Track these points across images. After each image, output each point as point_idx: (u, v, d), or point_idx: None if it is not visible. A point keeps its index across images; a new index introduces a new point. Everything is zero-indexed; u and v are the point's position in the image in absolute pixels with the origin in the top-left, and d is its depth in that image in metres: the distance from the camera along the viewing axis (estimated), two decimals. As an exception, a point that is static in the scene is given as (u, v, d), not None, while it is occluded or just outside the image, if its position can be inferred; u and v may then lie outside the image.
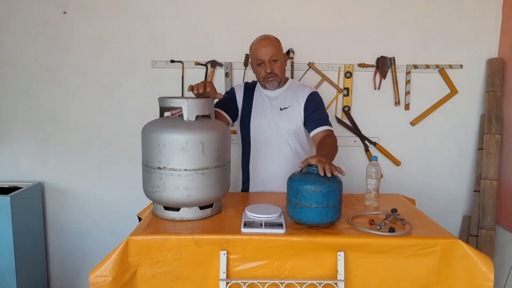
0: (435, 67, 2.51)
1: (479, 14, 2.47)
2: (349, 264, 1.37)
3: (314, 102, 1.95)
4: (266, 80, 1.93)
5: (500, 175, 2.44)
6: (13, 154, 2.61)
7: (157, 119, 1.58)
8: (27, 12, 2.48)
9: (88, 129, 2.59)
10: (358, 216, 1.58)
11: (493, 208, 2.40)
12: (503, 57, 2.47)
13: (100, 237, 2.65)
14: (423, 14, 2.47)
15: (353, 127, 2.58)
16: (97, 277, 1.30)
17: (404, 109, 2.56)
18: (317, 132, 1.89)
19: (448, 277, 1.37)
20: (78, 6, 2.48)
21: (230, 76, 2.53)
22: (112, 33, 2.50)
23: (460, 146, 2.59)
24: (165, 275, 1.37)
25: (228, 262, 1.36)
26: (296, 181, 1.42)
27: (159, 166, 1.46)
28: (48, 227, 2.68)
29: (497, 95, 2.44)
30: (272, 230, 1.39)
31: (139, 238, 1.36)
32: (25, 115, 2.58)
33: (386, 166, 2.54)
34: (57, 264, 2.71)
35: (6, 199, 2.28)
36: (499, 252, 2.40)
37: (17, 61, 2.53)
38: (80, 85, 2.55)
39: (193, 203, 1.49)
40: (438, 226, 1.50)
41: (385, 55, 2.51)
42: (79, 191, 2.65)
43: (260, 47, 1.88)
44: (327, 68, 2.53)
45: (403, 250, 1.36)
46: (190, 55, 2.51)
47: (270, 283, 1.35)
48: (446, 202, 2.62)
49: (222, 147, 1.52)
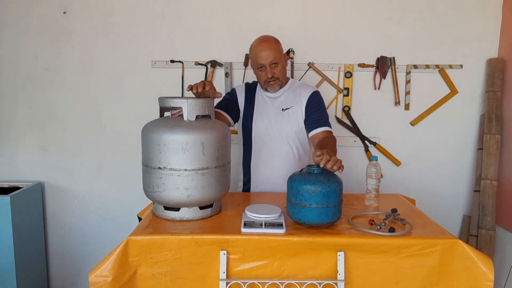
0: (435, 67, 2.51)
1: (479, 14, 2.47)
2: (349, 264, 1.37)
3: (315, 102, 1.94)
4: (268, 84, 1.92)
5: (500, 175, 2.44)
6: (13, 154, 2.61)
7: (157, 119, 1.58)
8: (27, 12, 2.48)
9: (88, 129, 2.59)
10: (358, 216, 1.58)
11: (493, 208, 2.40)
12: (503, 57, 2.47)
13: (100, 237, 2.65)
14: (423, 14, 2.47)
15: (353, 127, 2.58)
16: (97, 277, 1.30)
17: (404, 109, 2.56)
18: (316, 132, 1.89)
19: (448, 277, 1.37)
20: (78, 6, 2.48)
21: (230, 76, 2.53)
22: (112, 33, 2.50)
23: (460, 146, 2.59)
24: (165, 275, 1.37)
25: (228, 262, 1.36)
26: (296, 181, 1.42)
27: (159, 166, 1.46)
28: (48, 227, 2.68)
29: (497, 95, 2.44)
30: (272, 230, 1.39)
31: (139, 238, 1.36)
32: (25, 115, 2.58)
33: (386, 166, 2.54)
34: (57, 264, 2.71)
35: (6, 199, 2.28)
36: (499, 252, 2.40)
37: (17, 61, 2.53)
38: (80, 85, 2.55)
39: (193, 203, 1.49)
40: (438, 226, 1.50)
41: (385, 55, 2.51)
42: (79, 191, 2.65)
43: (260, 51, 1.86)
44: (327, 68, 2.53)
45: (403, 250, 1.36)
46: (190, 55, 2.51)
47: (270, 283, 1.35)
48: (446, 202, 2.62)
49: (222, 147, 1.52)
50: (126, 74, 2.55)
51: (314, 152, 1.48)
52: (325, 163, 1.42)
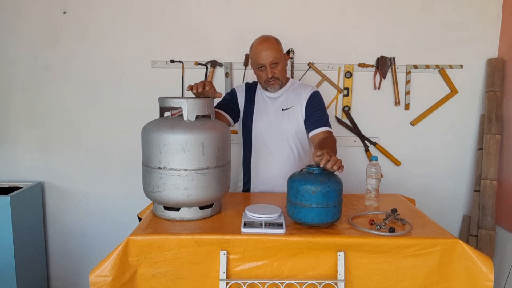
0: (435, 67, 2.51)
1: (479, 14, 2.47)
2: (349, 264, 1.37)
3: (315, 102, 1.94)
4: (268, 84, 1.92)
5: (500, 175, 2.44)
6: (13, 154, 2.61)
7: (157, 119, 1.58)
8: (27, 12, 2.48)
9: (88, 129, 2.59)
10: (358, 216, 1.58)
11: (493, 208, 2.40)
12: (503, 57, 2.47)
13: (100, 237, 2.65)
14: (423, 14, 2.47)
15: (353, 127, 2.58)
16: (97, 277, 1.30)
17: (404, 109, 2.56)
18: (317, 132, 1.89)
19: (448, 277, 1.37)
20: (78, 6, 2.48)
21: (230, 76, 2.53)
22: (112, 33, 2.50)
23: (460, 146, 2.59)
24: (165, 275, 1.37)
25: (228, 262, 1.36)
26: (296, 181, 1.42)
27: (159, 166, 1.46)
28: (48, 227, 2.68)
29: (497, 95, 2.44)
30: (272, 230, 1.39)
31: (139, 238, 1.36)
32: (25, 115, 2.58)
33: (386, 166, 2.54)
34: (57, 264, 2.71)
35: (6, 199, 2.28)
36: (499, 252, 2.40)
37: (17, 61, 2.53)
38: (80, 85, 2.55)
39: (193, 203, 1.49)
40: (438, 226, 1.50)
41: (385, 55, 2.51)
42: (79, 191, 2.65)
43: (260, 51, 1.86)
44: (327, 68, 2.53)
45: (403, 250, 1.36)
46: (190, 55, 2.51)
47: (270, 283, 1.35)
48: (446, 202, 2.62)
49: (222, 147, 1.52)
50: (126, 74, 2.55)
51: (314, 152, 1.48)
52: (325, 163, 1.42)
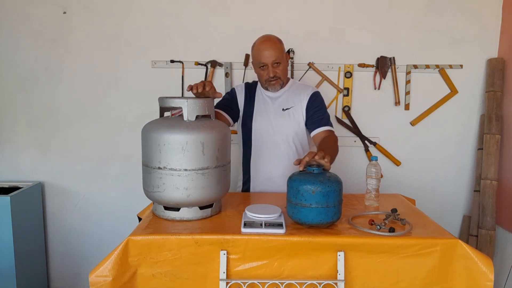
0: (435, 67, 2.51)
1: (479, 14, 2.47)
2: (349, 264, 1.37)
3: (316, 102, 1.94)
4: (269, 83, 1.92)
5: (500, 175, 2.44)
6: (13, 154, 2.61)
7: (157, 119, 1.58)
8: (27, 12, 2.48)
9: (88, 129, 2.59)
10: (358, 216, 1.58)
11: (493, 208, 2.40)
12: (503, 57, 2.47)
13: (100, 237, 2.65)
14: (423, 14, 2.47)
15: (353, 127, 2.58)
16: (97, 277, 1.30)
17: (404, 109, 2.56)
18: (318, 132, 1.89)
19: (448, 277, 1.37)
20: (78, 6, 2.48)
21: (230, 76, 2.53)
22: (112, 33, 2.50)
23: (460, 146, 2.59)
24: (165, 275, 1.37)
25: (228, 262, 1.36)
26: (296, 181, 1.42)
27: (159, 166, 1.46)
28: (48, 227, 2.68)
29: (497, 95, 2.44)
30: (272, 230, 1.38)
31: (139, 238, 1.36)
32: (25, 115, 2.58)
33: (386, 166, 2.54)
34: (57, 264, 2.71)
35: (6, 199, 2.28)
36: (499, 252, 2.40)
37: (17, 61, 2.53)
38: (80, 85, 2.55)
39: (193, 203, 1.49)
40: (438, 226, 1.50)
41: (385, 55, 2.51)
42: (79, 191, 2.65)
43: (262, 50, 1.86)
44: (327, 68, 2.53)
45: (403, 250, 1.36)
46: (190, 55, 2.51)
47: (270, 283, 1.35)
48: (446, 202, 2.62)
49: (222, 147, 1.52)
50: (126, 74, 2.55)
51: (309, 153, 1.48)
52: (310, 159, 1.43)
